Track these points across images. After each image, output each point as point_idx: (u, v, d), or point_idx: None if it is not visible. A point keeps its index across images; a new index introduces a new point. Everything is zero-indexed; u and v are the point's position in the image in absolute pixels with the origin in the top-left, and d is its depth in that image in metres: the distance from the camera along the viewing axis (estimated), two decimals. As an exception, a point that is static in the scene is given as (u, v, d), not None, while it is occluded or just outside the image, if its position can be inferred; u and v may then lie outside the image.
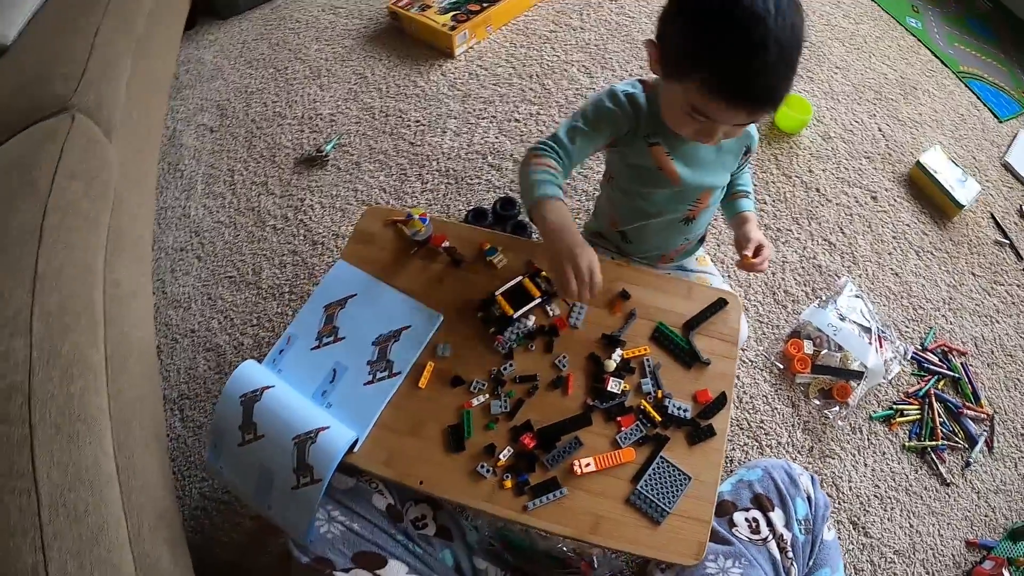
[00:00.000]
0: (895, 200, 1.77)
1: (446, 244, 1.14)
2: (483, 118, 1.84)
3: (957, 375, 1.53)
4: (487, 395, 1.03)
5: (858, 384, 1.45)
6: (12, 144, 1.32)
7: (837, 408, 1.45)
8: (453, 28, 1.94)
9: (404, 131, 1.81)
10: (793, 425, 1.44)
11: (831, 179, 1.78)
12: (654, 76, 1.03)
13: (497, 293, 1.09)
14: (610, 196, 1.25)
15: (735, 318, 1.12)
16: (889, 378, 1.49)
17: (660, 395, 1.02)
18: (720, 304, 1.11)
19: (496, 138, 1.81)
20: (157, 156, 1.73)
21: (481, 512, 0.96)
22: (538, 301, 1.09)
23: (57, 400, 0.97)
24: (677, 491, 0.96)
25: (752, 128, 1.12)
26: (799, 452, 1.42)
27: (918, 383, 1.52)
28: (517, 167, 1.74)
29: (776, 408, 1.46)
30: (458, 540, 1.01)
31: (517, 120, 1.84)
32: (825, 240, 1.68)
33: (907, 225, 1.73)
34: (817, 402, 1.47)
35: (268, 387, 1.01)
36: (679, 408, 1.02)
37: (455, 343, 1.07)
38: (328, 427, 0.97)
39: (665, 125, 1.03)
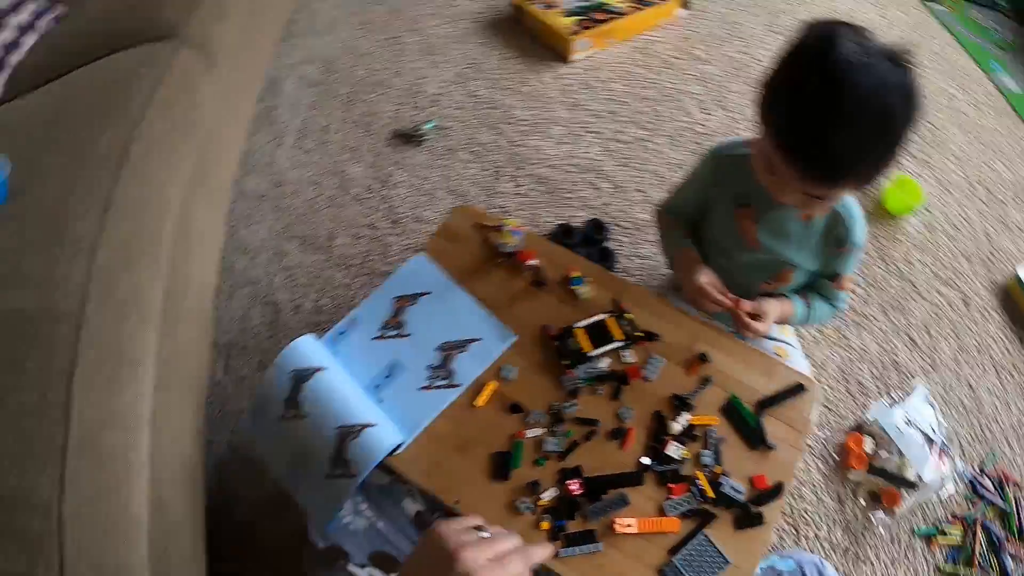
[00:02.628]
0: (986, 310, 1.68)
1: (533, 262, 1.11)
2: (589, 131, 1.79)
3: (1008, 507, 1.45)
4: (543, 430, 1.00)
5: (909, 494, 1.39)
6: (113, 60, 1.31)
7: (882, 514, 1.39)
8: (575, 33, 1.89)
9: (506, 127, 1.77)
10: (835, 521, 1.38)
11: (927, 274, 1.70)
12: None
13: (577, 326, 1.06)
14: (704, 239, 1.22)
15: (809, 408, 1.07)
16: (941, 495, 1.42)
17: (718, 471, 0.98)
18: (798, 389, 1.06)
19: (599, 156, 1.76)
20: (255, 98, 1.73)
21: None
22: (618, 344, 1.05)
23: (106, 336, 0.95)
24: (711, 573, 0.92)
25: (854, 222, 1.06)
26: (834, 550, 1.36)
27: (968, 506, 1.45)
28: (616, 191, 1.70)
29: (822, 499, 1.40)
30: None
31: (623, 142, 1.79)
32: (908, 336, 1.60)
33: (993, 339, 1.64)
34: (863, 503, 1.40)
35: (321, 368, 1.00)
36: (734, 488, 0.97)
37: (522, 368, 1.04)
38: (375, 425, 0.95)
39: (758, 189, 1.00)
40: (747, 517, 0.95)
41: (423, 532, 0.76)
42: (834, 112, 0.80)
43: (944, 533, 1.40)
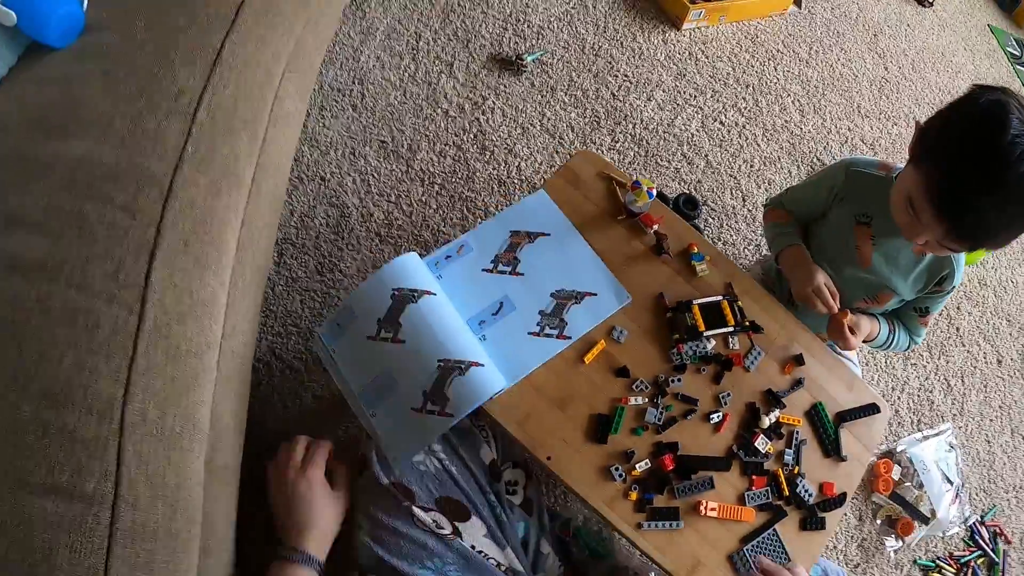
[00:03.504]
0: (1015, 372, 1.74)
1: (657, 228, 1.07)
2: (690, 104, 1.74)
3: (996, 559, 1.54)
4: (646, 399, 0.98)
5: (921, 526, 1.45)
6: None
7: (894, 540, 1.44)
8: (693, 1, 1.82)
9: (610, 79, 1.70)
10: (851, 537, 1.43)
11: (972, 325, 1.74)
12: (895, 163, 1.06)
13: (695, 303, 1.03)
14: (811, 242, 1.21)
15: (879, 428, 1.11)
16: (947, 534, 1.49)
17: (796, 471, 1.01)
18: (873, 409, 1.09)
19: (697, 131, 1.72)
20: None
21: (594, 510, 0.92)
22: (730, 329, 1.04)
23: (197, 210, 0.83)
24: None
25: (959, 267, 1.08)
26: (846, 564, 1.41)
27: (964, 550, 1.53)
28: (709, 170, 1.66)
29: (845, 515, 1.44)
30: (535, 517, 0.98)
31: (722, 123, 1.75)
32: (946, 380, 1.65)
33: (1015, 401, 1.71)
34: (879, 524, 1.46)
35: (429, 292, 0.93)
36: (806, 491, 1.00)
37: (633, 332, 1.02)
38: (483, 365, 0.90)
39: (882, 214, 1.02)
40: (812, 520, 0.99)
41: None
42: (996, 188, 0.82)
43: (940, 570, 1.48)
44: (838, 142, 1.82)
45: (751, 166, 1.70)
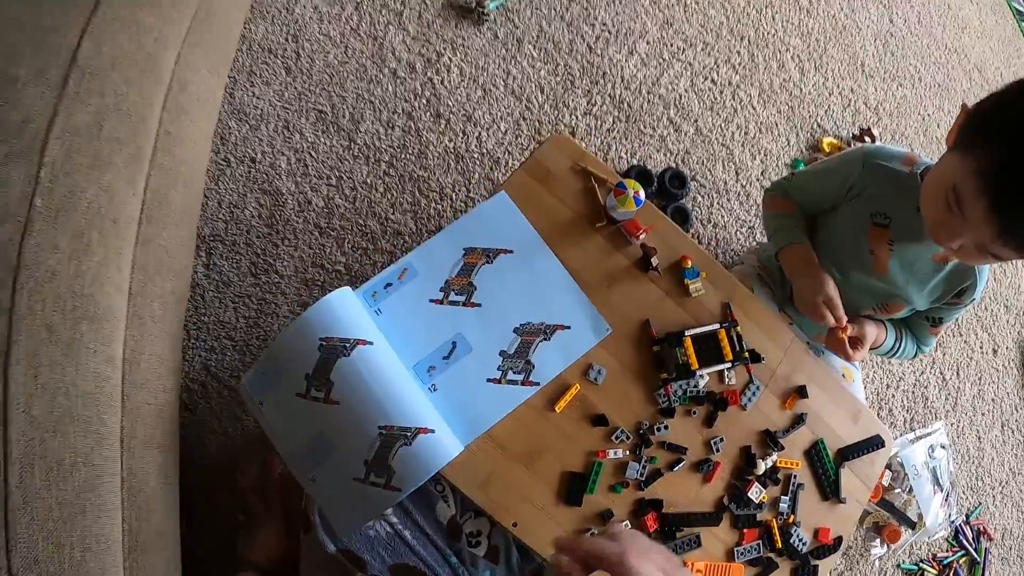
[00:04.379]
0: (1009, 363, 1.66)
1: (644, 238, 0.89)
2: (678, 59, 1.51)
3: (978, 558, 1.51)
4: (627, 451, 0.85)
5: (907, 532, 1.40)
6: None
7: (879, 546, 1.39)
8: (684, -65, 1.56)
9: (586, 28, 1.44)
10: (836, 547, 1.36)
11: (970, 315, 1.63)
12: (921, 158, 0.91)
13: (688, 334, 0.87)
14: (817, 241, 1.08)
15: (881, 464, 1.02)
16: (933, 538, 1.44)
17: (791, 520, 0.92)
18: (878, 443, 0.99)
19: (686, 91, 1.50)
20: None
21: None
22: (727, 365, 0.89)
23: (59, 282, 0.69)
24: None
25: (982, 281, 0.97)
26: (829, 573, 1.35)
27: (947, 550, 1.49)
28: (699, 139, 1.47)
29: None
30: (502, 563, 0.87)
31: (714, 82, 1.53)
32: (941, 374, 1.55)
33: (1007, 393, 1.63)
34: (865, 531, 1.40)
35: (364, 342, 0.77)
36: (800, 540, 0.92)
37: (613, 371, 0.86)
38: (432, 431, 0.76)
39: (903, 214, 0.91)
40: (804, 569, 0.92)
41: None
42: None
43: (923, 573, 1.45)
44: (840, 105, 1.63)
45: (745, 133, 1.51)
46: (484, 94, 1.34)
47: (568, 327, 0.85)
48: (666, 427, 0.86)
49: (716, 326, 0.89)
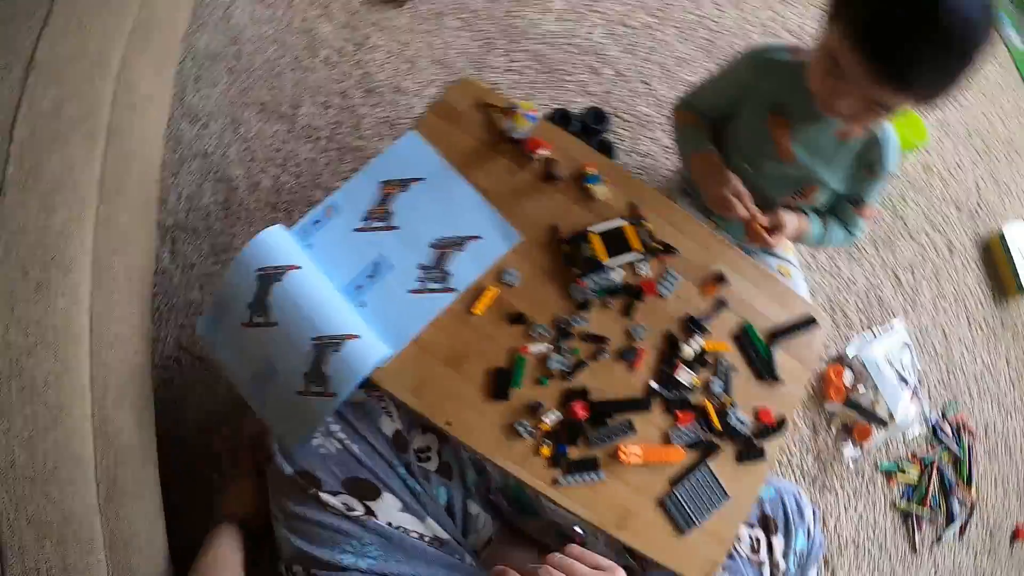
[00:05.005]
0: (968, 260, 1.67)
1: (545, 153, 0.96)
2: (593, 11, 1.59)
3: (961, 454, 1.50)
4: (548, 345, 0.89)
5: (879, 430, 1.41)
6: None
7: (852, 447, 1.40)
8: None
9: (502, -6, 1.55)
10: (807, 449, 1.39)
11: (919, 214, 1.66)
12: (805, 46, 0.97)
13: (592, 230, 0.93)
14: (724, 139, 1.13)
15: (818, 343, 1.03)
16: (908, 435, 1.45)
17: (728, 402, 0.93)
18: (809, 323, 1.01)
19: (603, 39, 1.58)
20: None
21: (505, 471, 0.85)
22: (636, 256, 0.94)
23: (30, 235, 0.79)
24: (712, 506, 0.89)
25: (889, 148, 1.01)
26: (803, 476, 1.37)
27: (927, 448, 1.49)
28: (619, 79, 1.54)
29: (798, 426, 1.40)
30: (456, 479, 0.92)
31: (631, 28, 1.60)
32: (895, 274, 1.58)
33: (969, 289, 1.64)
34: (835, 433, 1.42)
35: (294, 267, 0.85)
36: (740, 421, 0.93)
37: (526, 273, 0.92)
38: (359, 336, 0.82)
39: (798, 100, 0.95)
40: (749, 451, 0.93)
41: None
42: (926, 14, 0.75)
43: (903, 471, 1.45)
44: (760, 34, 1.69)
45: (665, 69, 1.57)
46: (411, 66, 1.43)
47: (480, 237, 0.92)
48: (584, 320, 0.91)
49: (620, 221, 0.95)
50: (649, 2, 1.63)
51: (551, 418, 0.86)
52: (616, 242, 0.94)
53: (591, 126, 1.42)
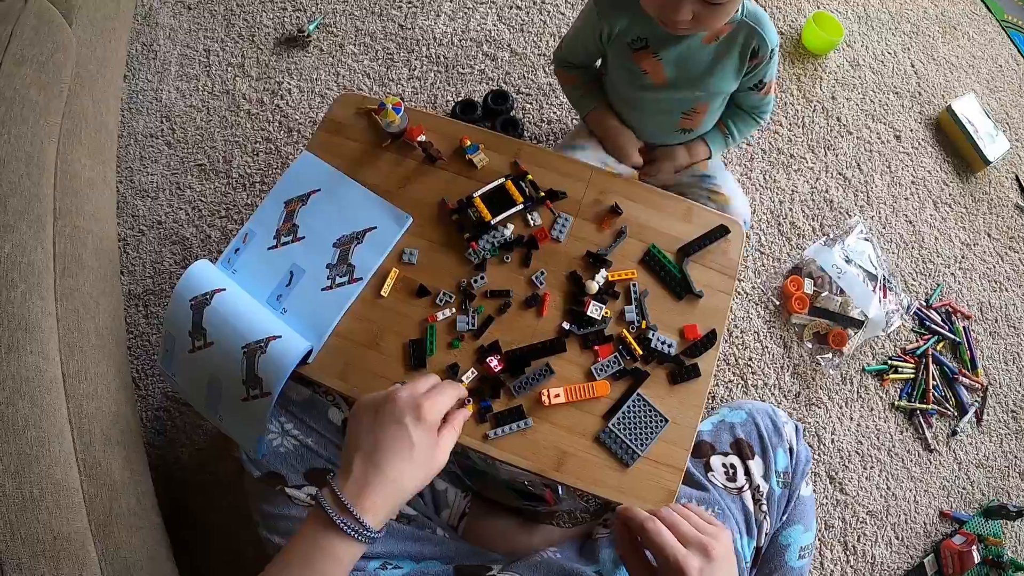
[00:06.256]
0: (919, 143, 1.63)
1: (422, 138, 1.02)
2: (481, 3, 1.67)
3: (958, 339, 1.45)
4: (454, 309, 0.94)
5: (855, 333, 1.37)
6: None
7: (830, 355, 1.37)
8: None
9: (394, 12, 1.64)
10: (782, 367, 1.37)
11: (855, 110, 1.64)
12: None
13: (475, 195, 0.99)
14: (605, 84, 1.17)
15: (736, 249, 1.02)
16: (888, 331, 1.41)
17: (644, 326, 0.94)
18: (721, 232, 1.01)
19: (494, 25, 1.65)
20: (127, 37, 1.59)
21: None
22: (520, 207, 0.98)
23: None
24: (652, 433, 0.89)
25: (764, 25, 0.99)
26: (785, 396, 1.35)
27: (917, 340, 1.44)
28: (516, 59, 1.61)
29: (767, 347, 1.38)
30: None
31: (518, 7, 1.67)
32: (840, 174, 1.56)
33: (928, 172, 1.60)
34: (810, 346, 1.39)
35: (219, 290, 0.94)
36: (664, 343, 0.93)
37: (424, 249, 0.98)
38: (279, 336, 0.90)
39: (651, 27, 0.98)
40: (682, 370, 0.92)
41: (352, 409, 0.73)
42: None
43: (896, 369, 1.40)
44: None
45: (558, 37, 1.63)
46: (322, 99, 1.53)
47: (375, 227, 0.99)
48: (483, 278, 0.95)
49: (501, 180, 1.00)
50: (532, -21, 1.70)
51: (469, 376, 0.90)
52: (499, 200, 0.98)
53: (493, 107, 1.48)
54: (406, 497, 0.67)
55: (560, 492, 1.12)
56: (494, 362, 0.90)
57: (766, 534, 0.89)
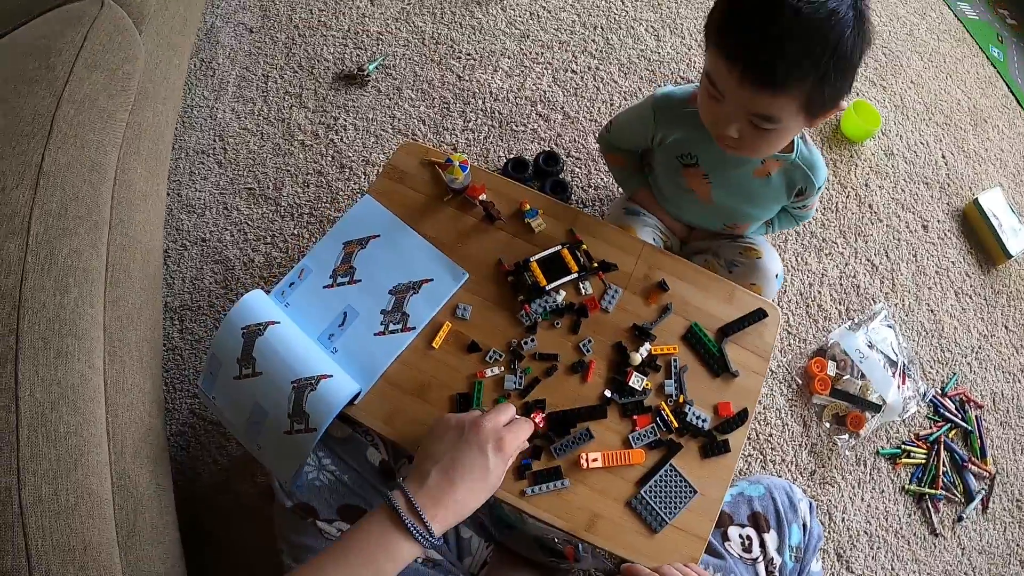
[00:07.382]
0: (945, 234, 1.68)
1: (483, 197, 1.06)
2: (538, 63, 1.72)
3: (969, 427, 1.48)
4: (502, 368, 0.97)
5: (873, 416, 1.41)
6: (34, 25, 1.22)
7: (847, 436, 1.40)
8: (525, -38, 1.80)
9: (453, 63, 1.69)
10: (801, 445, 1.40)
11: (886, 198, 1.69)
12: None
13: (532, 259, 1.02)
14: (649, 176, 1.21)
15: (772, 333, 1.06)
16: (904, 416, 1.44)
17: (681, 400, 0.97)
18: (759, 315, 1.05)
19: (549, 86, 1.70)
20: (189, 52, 1.63)
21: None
22: (574, 276, 1.02)
23: (48, 311, 0.92)
24: (681, 503, 0.92)
25: (816, 170, 1.04)
26: (801, 473, 1.38)
27: (930, 427, 1.47)
28: (568, 122, 1.66)
29: (787, 424, 1.41)
30: None
31: (574, 71, 1.73)
32: (869, 261, 1.60)
33: (952, 262, 1.65)
34: (828, 426, 1.42)
35: (273, 322, 0.96)
36: (698, 417, 0.97)
37: (477, 306, 1.01)
38: (331, 376, 0.92)
39: (706, 148, 1.00)
40: (713, 445, 0.95)
41: (433, 423, 0.80)
42: (774, 9, 0.76)
43: (908, 454, 1.43)
44: (700, 55, 1.79)
45: (611, 105, 1.68)
46: (376, 139, 1.58)
47: (431, 279, 1.02)
48: (533, 340, 0.98)
49: (558, 247, 1.04)
50: (590, 46, 1.76)
51: (513, 433, 0.93)
52: (555, 267, 1.02)
53: (544, 168, 1.53)
54: (466, 516, 0.74)
55: (580, 549, 1.13)
56: (538, 417, 0.92)
57: None
